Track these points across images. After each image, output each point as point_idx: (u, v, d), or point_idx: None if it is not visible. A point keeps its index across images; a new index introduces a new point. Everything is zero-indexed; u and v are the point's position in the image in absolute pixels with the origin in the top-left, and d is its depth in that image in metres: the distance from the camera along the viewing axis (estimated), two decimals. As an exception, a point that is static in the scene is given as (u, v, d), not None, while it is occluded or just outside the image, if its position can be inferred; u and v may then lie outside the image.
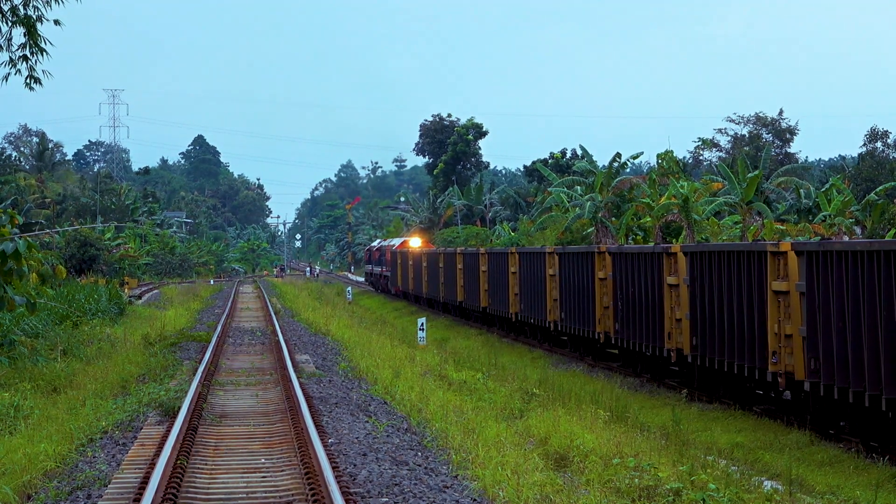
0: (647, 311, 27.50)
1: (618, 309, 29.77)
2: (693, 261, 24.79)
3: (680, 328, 25.61)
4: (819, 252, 19.03)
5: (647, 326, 27.50)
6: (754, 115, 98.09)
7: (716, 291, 23.47)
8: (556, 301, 35.31)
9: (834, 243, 19.07)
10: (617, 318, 29.84)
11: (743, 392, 23.69)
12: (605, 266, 30.98)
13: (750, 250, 21.99)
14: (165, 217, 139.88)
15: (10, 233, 24.78)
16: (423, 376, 24.27)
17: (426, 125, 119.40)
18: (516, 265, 40.38)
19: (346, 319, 44.85)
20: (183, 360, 27.96)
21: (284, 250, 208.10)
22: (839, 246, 18.60)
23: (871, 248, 17.56)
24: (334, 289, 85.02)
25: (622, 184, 63.62)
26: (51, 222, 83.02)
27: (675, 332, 25.96)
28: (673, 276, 26.06)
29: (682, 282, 25.50)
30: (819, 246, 19.25)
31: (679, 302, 25.66)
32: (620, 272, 29.60)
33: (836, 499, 15.26)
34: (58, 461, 14.82)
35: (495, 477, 13.44)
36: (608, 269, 30.75)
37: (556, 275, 35.24)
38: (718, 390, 24.57)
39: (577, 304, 32.88)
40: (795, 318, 20.31)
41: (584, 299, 32.30)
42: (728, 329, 22.93)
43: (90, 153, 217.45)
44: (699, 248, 24.80)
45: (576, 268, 33.21)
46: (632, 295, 28.58)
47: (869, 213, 61.07)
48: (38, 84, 22.07)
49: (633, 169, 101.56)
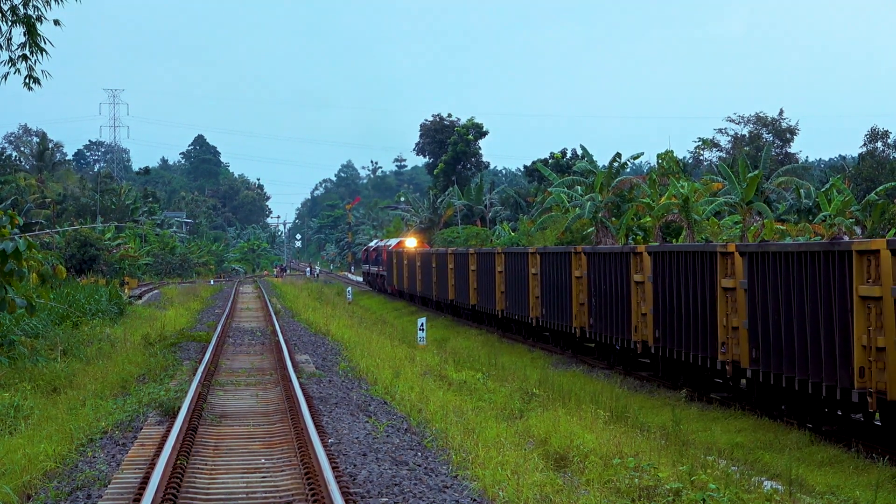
0: (617, 306, 29.27)
1: (592, 305, 31.49)
2: (656, 260, 26.62)
3: (645, 322, 27.42)
4: (758, 253, 21.05)
5: (617, 321, 29.30)
6: (754, 115, 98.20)
7: (675, 288, 25.35)
8: (538, 298, 37.09)
9: (771, 245, 21.13)
10: (591, 314, 31.53)
11: (701, 380, 25.49)
12: (581, 265, 32.72)
13: (703, 251, 24.09)
14: (165, 217, 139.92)
15: (10, 233, 24.78)
16: (423, 376, 24.27)
17: (426, 125, 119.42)
18: (502, 265, 41.93)
19: (346, 319, 44.85)
20: (183, 360, 27.96)
21: (284, 250, 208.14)
22: (775, 247, 20.65)
23: (800, 249, 19.67)
24: (334, 289, 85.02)
25: (622, 184, 63.63)
26: (51, 222, 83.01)
27: (640, 325, 27.81)
28: (639, 274, 27.83)
29: (647, 279, 27.25)
30: (758, 247, 21.28)
31: (644, 298, 27.43)
32: (594, 271, 31.33)
33: (836, 499, 15.26)
34: (58, 461, 14.82)
35: (495, 477, 13.44)
36: (584, 269, 32.50)
37: (538, 274, 36.93)
38: (679, 379, 26.32)
39: (557, 301, 34.63)
40: (740, 312, 22.25)
41: (562, 297, 34.07)
42: (685, 322, 24.86)
43: (90, 153, 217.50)
44: (661, 249, 26.73)
45: (555, 267, 34.96)
46: (604, 292, 30.30)
47: (869, 213, 61.08)
48: (37, 84, 22.06)
49: (633, 169, 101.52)
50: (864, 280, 17.81)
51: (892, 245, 17.35)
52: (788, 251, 19.99)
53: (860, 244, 18.02)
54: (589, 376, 29.36)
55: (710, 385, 25.42)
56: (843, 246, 18.28)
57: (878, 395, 17.48)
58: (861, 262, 17.91)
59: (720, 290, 23.10)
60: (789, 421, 21.00)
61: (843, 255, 18.24)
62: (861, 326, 17.79)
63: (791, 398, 21.11)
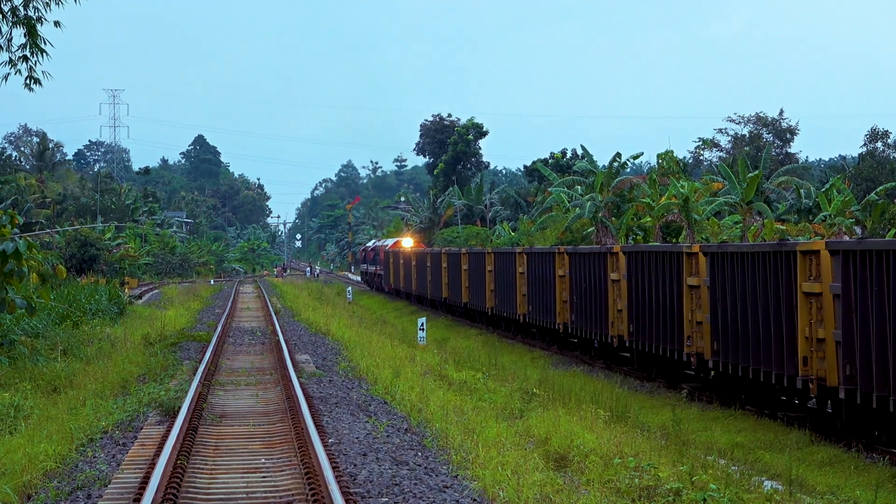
0: (595, 303, 30.96)
1: (573, 303, 33.16)
2: (630, 260, 28.44)
3: (621, 318, 29.10)
4: (719, 253, 23.04)
5: (596, 317, 30.97)
6: (754, 115, 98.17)
7: (647, 285, 27.10)
8: (524, 296, 38.76)
9: (729, 245, 23.66)
10: (573, 311, 33.22)
11: (671, 371, 27.16)
12: (564, 265, 34.23)
13: (671, 251, 25.86)
14: (165, 217, 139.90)
15: (11, 233, 24.79)
16: (423, 376, 24.27)
17: (426, 125, 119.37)
18: (492, 264, 43.57)
19: (346, 319, 44.86)
20: (183, 359, 27.96)
21: (285, 250, 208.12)
22: (732, 248, 22.85)
23: (754, 249, 21.60)
24: (334, 289, 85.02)
25: (622, 184, 63.63)
26: (51, 222, 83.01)
27: (617, 321, 29.50)
28: (615, 273, 29.54)
29: (622, 278, 28.95)
30: (719, 248, 23.49)
31: (620, 295, 29.14)
32: (576, 270, 33.00)
33: (836, 499, 15.25)
34: (58, 461, 14.82)
35: (495, 477, 13.44)
36: (566, 268, 34.02)
37: (525, 272, 38.60)
38: (652, 370, 28.02)
39: (542, 299, 36.39)
40: (704, 307, 23.90)
41: (546, 294, 35.75)
42: (656, 317, 26.52)
43: (90, 153, 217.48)
44: (635, 249, 28.71)
45: (540, 266, 36.61)
46: (584, 290, 32.04)
47: (869, 213, 61.09)
48: (37, 84, 22.11)
49: (633, 169, 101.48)
50: (807, 277, 19.58)
51: (830, 246, 19.08)
52: (744, 251, 21.89)
53: (803, 245, 19.96)
54: (589, 376, 29.38)
55: (680, 376, 27.05)
56: (788, 247, 20.19)
57: (818, 382, 19.20)
58: (804, 262, 19.70)
59: (686, 287, 24.85)
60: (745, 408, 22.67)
61: (790, 255, 19.98)
62: (804, 320, 19.52)
63: (749, 387, 22.77)
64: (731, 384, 23.52)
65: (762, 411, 22.21)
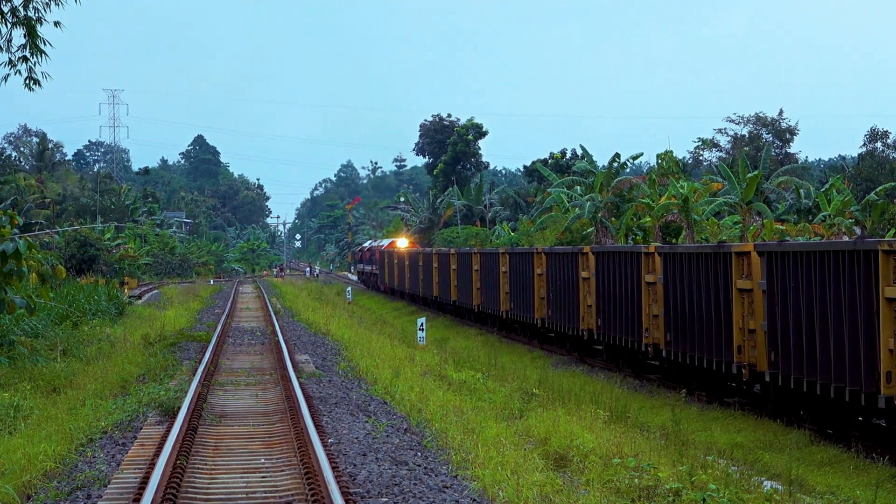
0: (568, 299, 33.47)
1: (550, 299, 35.72)
2: (598, 259, 31.00)
3: (591, 313, 31.57)
4: (670, 254, 25.97)
5: (569, 312, 33.45)
6: (754, 115, 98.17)
7: (612, 283, 29.65)
8: (507, 293, 41.16)
9: (678, 247, 26.57)
10: (549, 307, 35.82)
11: (636, 362, 29.38)
12: (542, 264, 36.79)
13: (630, 251, 28.67)
14: (165, 217, 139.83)
15: (10, 233, 24.78)
16: (422, 376, 24.26)
17: (426, 125, 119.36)
18: (478, 263, 46.15)
19: (346, 319, 44.85)
20: (183, 360, 27.94)
21: (284, 250, 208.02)
22: (682, 249, 25.73)
23: (699, 251, 24.43)
24: (334, 289, 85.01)
25: (622, 184, 63.61)
26: (51, 222, 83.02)
27: (587, 315, 31.94)
28: (585, 271, 31.98)
29: (591, 276, 31.50)
30: (670, 248, 26.48)
31: (590, 291, 31.65)
32: (552, 268, 35.54)
33: (836, 499, 15.26)
34: (57, 461, 14.82)
35: (495, 477, 13.44)
36: (544, 266, 36.58)
37: (507, 271, 40.91)
38: (619, 361, 30.40)
39: (522, 296, 38.78)
40: (659, 303, 26.58)
41: (526, 291, 38.22)
42: (620, 312, 29.01)
43: (90, 153, 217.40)
44: (602, 249, 31.38)
45: (521, 266, 39.03)
46: (559, 287, 34.60)
47: (869, 213, 61.08)
48: (37, 85, 22.06)
49: (632, 169, 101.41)
50: (741, 275, 22.45)
51: (759, 248, 21.79)
52: (691, 252, 24.86)
53: (737, 247, 22.86)
54: (589, 376, 29.38)
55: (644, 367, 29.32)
56: (725, 248, 23.27)
57: (750, 368, 22.17)
58: (739, 262, 22.54)
59: (644, 284, 27.46)
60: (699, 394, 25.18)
61: (727, 256, 22.91)
62: (738, 313, 22.43)
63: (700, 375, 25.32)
64: (684, 372, 26.10)
65: (711, 397, 24.64)
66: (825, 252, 18.94)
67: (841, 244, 19.12)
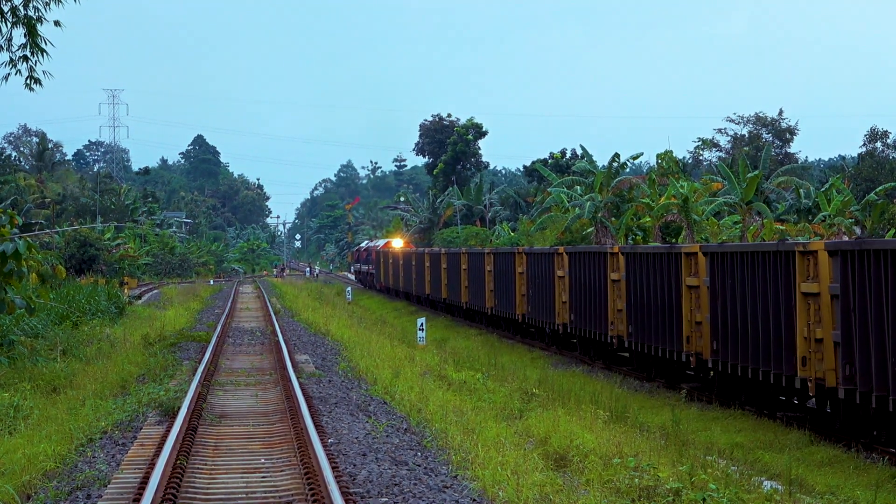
0: (545, 296, 35.84)
1: (530, 296, 37.95)
2: (571, 259, 33.37)
3: (566, 308, 33.84)
4: (632, 253, 28.28)
5: (546, 308, 35.73)
6: (754, 115, 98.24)
7: (583, 280, 31.86)
8: (492, 291, 43.78)
9: (639, 248, 28.86)
10: (529, 303, 38.04)
11: (606, 354, 31.45)
12: (523, 263, 38.98)
13: (598, 251, 31.06)
14: (165, 217, 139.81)
15: (10, 233, 24.78)
16: (422, 376, 24.26)
17: (426, 125, 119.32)
18: (466, 263, 48.68)
19: (346, 319, 44.85)
20: (183, 360, 27.94)
21: (284, 250, 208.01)
22: (641, 249, 28.12)
23: (655, 251, 26.69)
24: (334, 289, 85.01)
25: (622, 184, 63.60)
26: (51, 222, 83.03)
27: (562, 311, 34.13)
28: (561, 270, 34.28)
29: (566, 274, 33.85)
30: (631, 249, 28.70)
31: (565, 288, 33.86)
32: (532, 268, 37.67)
33: (836, 499, 15.25)
34: (57, 461, 14.82)
35: (495, 477, 13.44)
36: (525, 266, 38.75)
37: (492, 270, 43.35)
38: (591, 353, 32.52)
39: (505, 293, 41.15)
40: (623, 297, 28.74)
41: (509, 289, 40.47)
42: (590, 307, 31.19)
43: (90, 153, 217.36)
44: (576, 250, 33.58)
45: (504, 265, 41.36)
46: (538, 285, 36.70)
47: (869, 213, 61.08)
48: (38, 84, 22.07)
49: (632, 169, 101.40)
50: (690, 273, 24.74)
51: (704, 249, 24.02)
52: (649, 252, 27.13)
53: (686, 248, 24.95)
54: (588, 376, 29.38)
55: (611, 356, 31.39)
56: (676, 249, 25.39)
57: (697, 356, 24.44)
58: (688, 261, 24.76)
59: (610, 282, 29.60)
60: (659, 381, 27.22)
61: (678, 256, 25.08)
62: (687, 307, 24.69)
63: (658, 364, 27.31)
64: (646, 361, 27.97)
65: (669, 384, 26.40)
66: (756, 252, 21.40)
67: (767, 245, 21.30)
